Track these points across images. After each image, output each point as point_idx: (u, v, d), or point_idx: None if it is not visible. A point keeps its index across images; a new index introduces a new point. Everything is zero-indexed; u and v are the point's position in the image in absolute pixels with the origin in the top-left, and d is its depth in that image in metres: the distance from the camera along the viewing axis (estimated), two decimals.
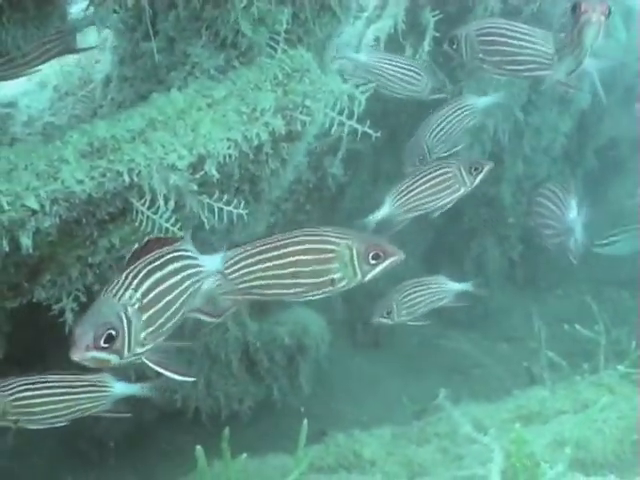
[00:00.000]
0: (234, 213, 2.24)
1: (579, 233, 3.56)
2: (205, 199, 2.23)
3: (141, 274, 1.83)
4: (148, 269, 1.85)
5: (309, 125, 2.30)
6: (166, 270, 1.88)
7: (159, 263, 1.87)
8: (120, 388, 2.53)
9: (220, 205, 2.24)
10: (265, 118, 2.19)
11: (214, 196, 2.24)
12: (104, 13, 2.34)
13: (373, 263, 2.02)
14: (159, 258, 1.88)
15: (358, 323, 4.51)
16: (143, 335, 1.81)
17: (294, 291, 2.03)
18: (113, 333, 1.75)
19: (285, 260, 2.00)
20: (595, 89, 3.13)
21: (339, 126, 2.39)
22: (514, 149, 4.70)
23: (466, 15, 3.68)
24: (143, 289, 1.82)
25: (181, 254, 1.93)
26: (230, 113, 2.16)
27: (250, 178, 2.46)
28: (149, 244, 1.90)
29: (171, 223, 2.17)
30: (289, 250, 2.00)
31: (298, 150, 2.51)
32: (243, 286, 2.05)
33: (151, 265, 1.86)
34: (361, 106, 2.34)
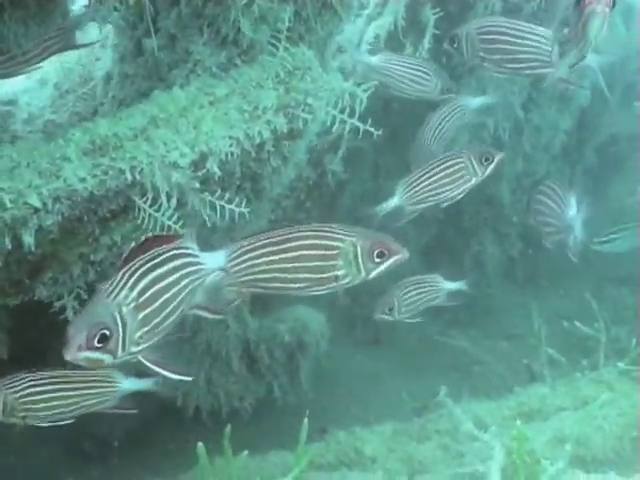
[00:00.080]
0: (236, 211, 2.25)
1: (579, 231, 3.55)
2: (207, 197, 2.23)
3: (138, 272, 1.80)
4: (145, 267, 1.82)
5: (311, 123, 2.31)
6: (164, 268, 1.85)
7: (157, 261, 1.84)
8: (128, 384, 2.51)
9: (222, 203, 2.24)
10: (267, 116, 2.19)
11: (216, 194, 2.24)
12: (105, 10, 2.35)
13: (377, 261, 2.02)
14: (157, 256, 1.85)
15: (358, 320, 4.51)
16: (139, 334, 1.79)
17: (297, 286, 2.04)
18: (107, 333, 1.73)
19: (290, 254, 2.00)
20: (597, 85, 3.13)
21: (340, 124, 2.39)
22: (514, 147, 4.68)
23: (466, 13, 3.67)
24: (139, 288, 1.79)
25: (181, 252, 1.90)
26: (232, 111, 2.17)
27: (252, 176, 2.46)
28: (147, 242, 1.88)
29: (173, 221, 2.18)
30: (294, 244, 2.00)
31: (299, 148, 2.51)
32: (247, 278, 2.04)
33: (148, 263, 1.82)
34: (363, 104, 2.35)
